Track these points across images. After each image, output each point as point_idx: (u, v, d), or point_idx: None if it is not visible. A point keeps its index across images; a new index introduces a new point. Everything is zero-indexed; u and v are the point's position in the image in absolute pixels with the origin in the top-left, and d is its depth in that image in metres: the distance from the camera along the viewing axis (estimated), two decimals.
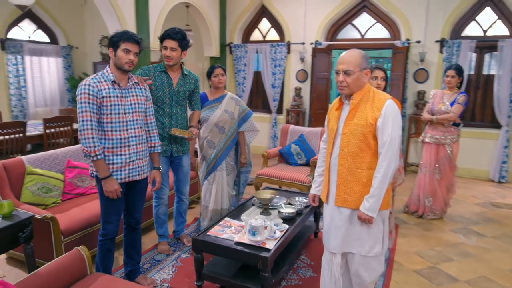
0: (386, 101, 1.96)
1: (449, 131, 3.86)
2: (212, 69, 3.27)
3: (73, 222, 2.81)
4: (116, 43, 2.26)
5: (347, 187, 2.03)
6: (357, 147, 1.98)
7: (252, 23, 7.13)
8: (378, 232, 2.05)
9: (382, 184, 1.92)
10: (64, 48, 7.86)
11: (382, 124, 1.92)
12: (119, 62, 2.27)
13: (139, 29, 4.81)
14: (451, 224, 3.91)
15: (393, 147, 1.92)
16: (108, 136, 2.29)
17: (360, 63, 1.97)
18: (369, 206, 1.94)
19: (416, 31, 5.81)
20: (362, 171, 1.99)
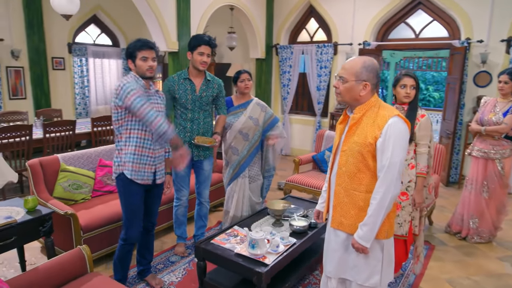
0: (389, 119, 1.73)
1: (500, 145, 3.40)
2: (238, 74, 3.24)
3: (94, 219, 2.98)
4: (133, 53, 2.31)
5: (343, 209, 1.87)
6: (355, 167, 1.81)
7: (299, 23, 6.97)
8: (375, 262, 1.85)
9: (378, 212, 1.72)
10: (124, 50, 8.42)
11: (382, 145, 1.72)
12: (140, 71, 2.34)
13: (179, 32, 4.96)
14: (500, 251, 3.44)
15: (393, 172, 1.70)
16: (137, 134, 2.37)
17: (358, 73, 1.77)
18: (363, 234, 1.76)
19: (478, 30, 5.20)
20: (359, 193, 1.81)
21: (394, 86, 2.72)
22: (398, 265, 2.89)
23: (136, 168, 2.39)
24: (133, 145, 2.37)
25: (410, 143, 2.63)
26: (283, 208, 2.87)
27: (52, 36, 6.88)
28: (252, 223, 2.91)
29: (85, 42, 7.84)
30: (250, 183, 3.35)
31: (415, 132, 2.62)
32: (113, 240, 3.09)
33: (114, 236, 3.08)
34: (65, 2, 3.58)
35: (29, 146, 4.30)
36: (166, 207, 3.51)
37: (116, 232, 3.09)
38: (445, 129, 5.54)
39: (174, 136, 2.36)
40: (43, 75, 6.56)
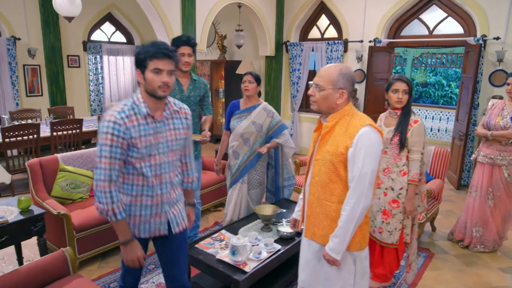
0: (361, 129, 1.68)
1: (507, 151, 3.23)
2: (242, 76, 3.20)
3: (88, 218, 3.05)
4: (143, 62, 1.67)
5: (316, 219, 1.83)
6: (327, 176, 1.76)
7: (310, 20, 6.85)
8: (348, 275, 1.81)
9: (348, 224, 1.68)
10: (138, 47, 8.55)
11: (352, 155, 1.67)
12: (150, 88, 1.69)
13: (184, 32, 4.97)
14: (504, 261, 3.29)
15: (363, 183, 1.65)
16: (133, 181, 1.78)
17: (334, 81, 1.72)
18: (333, 246, 1.72)
19: (495, 26, 4.94)
20: (331, 204, 1.77)
21: (386, 90, 2.62)
22: (390, 274, 2.81)
23: (137, 221, 1.85)
24: (129, 194, 1.80)
25: (402, 149, 2.55)
26: (271, 213, 2.84)
27: (67, 34, 7.06)
28: (241, 227, 2.90)
29: (100, 40, 8.00)
30: (249, 190, 3.29)
31: (407, 138, 2.52)
32: (107, 239, 3.16)
33: (108, 236, 3.15)
34: (67, 5, 3.65)
35: (37, 144, 4.45)
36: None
37: (110, 232, 3.16)
38: (458, 131, 5.33)
39: (117, 223, 1.73)
40: (59, 72, 6.76)
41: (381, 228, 2.64)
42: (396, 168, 2.57)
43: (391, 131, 2.57)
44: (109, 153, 1.65)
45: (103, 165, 1.66)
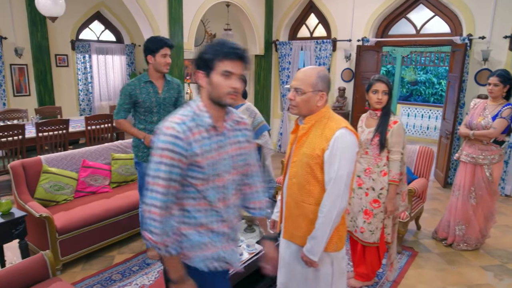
0: (337, 131, 1.69)
1: (489, 150, 3.26)
2: None
3: (72, 220, 3.04)
4: (209, 63, 1.39)
5: (294, 221, 1.84)
6: (304, 178, 1.77)
7: (299, 19, 6.85)
8: (325, 276, 1.83)
9: (325, 226, 1.70)
10: (128, 46, 8.50)
11: (329, 157, 1.68)
12: (216, 93, 1.41)
13: (171, 31, 4.95)
14: (486, 259, 3.33)
15: (340, 185, 1.67)
16: (195, 206, 1.47)
17: (314, 83, 1.73)
18: (310, 248, 1.74)
19: (480, 25, 4.98)
20: (309, 205, 1.78)
21: (366, 91, 2.64)
22: (372, 273, 2.84)
23: (209, 252, 1.50)
24: (191, 223, 1.48)
25: (382, 150, 2.56)
26: None
27: (55, 33, 7.00)
28: None
29: (89, 38, 7.94)
30: None
31: (387, 139, 2.54)
32: (91, 241, 3.14)
33: (92, 238, 3.14)
34: (50, 5, 3.61)
35: (22, 145, 4.41)
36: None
37: (94, 234, 3.15)
38: (444, 129, 5.37)
39: (170, 258, 1.42)
40: (47, 72, 6.68)
41: (362, 227, 2.66)
42: (377, 169, 2.59)
43: (372, 131, 2.59)
44: (167, 174, 1.35)
45: (159, 188, 1.36)
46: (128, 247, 3.44)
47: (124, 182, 3.90)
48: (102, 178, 3.68)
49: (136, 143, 2.99)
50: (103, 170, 3.72)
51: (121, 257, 3.25)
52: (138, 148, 2.99)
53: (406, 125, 9.12)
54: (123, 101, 2.85)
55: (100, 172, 3.68)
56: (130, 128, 2.93)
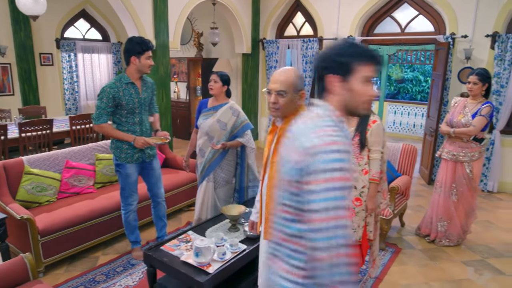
0: None
1: (469, 147, 3.32)
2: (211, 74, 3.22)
3: (55, 222, 3.00)
4: (347, 66, 1.21)
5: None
6: None
7: (286, 17, 6.86)
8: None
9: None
10: (114, 44, 8.41)
11: None
12: (354, 101, 1.25)
13: (156, 30, 4.92)
14: (467, 254, 3.40)
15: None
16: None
17: (295, 83, 1.76)
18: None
19: (463, 24, 5.06)
20: None
21: None
22: (356, 270, 2.87)
23: None
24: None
25: (363, 149, 2.59)
26: (238, 214, 2.86)
27: (39, 32, 6.88)
28: (208, 227, 2.91)
29: (74, 37, 7.83)
30: (215, 188, 3.31)
31: (367, 138, 2.57)
32: (75, 242, 3.12)
33: (75, 239, 3.11)
34: (31, 3, 3.56)
35: (5, 146, 4.34)
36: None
37: (78, 235, 3.12)
38: (429, 127, 5.45)
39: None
40: (31, 71, 6.59)
41: None
42: (358, 167, 2.61)
43: (352, 131, 2.61)
44: (344, 201, 1.08)
45: (342, 221, 1.06)
46: (113, 247, 3.42)
47: (109, 182, 3.87)
48: (86, 178, 3.65)
49: (117, 145, 2.95)
50: (87, 170, 3.68)
51: (105, 258, 3.24)
52: (120, 149, 2.96)
53: (393, 123, 9.21)
54: (105, 105, 2.80)
55: (84, 172, 3.64)
56: (116, 132, 2.90)
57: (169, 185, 3.91)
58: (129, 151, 2.98)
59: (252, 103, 7.08)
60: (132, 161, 3.00)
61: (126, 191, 3.07)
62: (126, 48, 2.86)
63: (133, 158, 3.00)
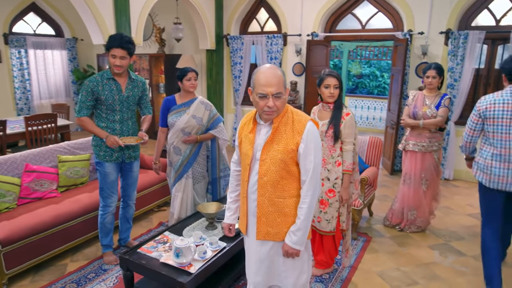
0: (307, 124, 1.74)
1: (435, 137, 3.50)
2: (184, 72, 3.13)
3: (16, 230, 2.80)
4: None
5: (269, 219, 1.83)
6: (277, 174, 1.77)
7: (249, 13, 6.85)
8: (302, 262, 1.89)
9: (309, 215, 1.76)
10: (68, 40, 7.98)
11: (304, 150, 1.73)
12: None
13: (118, 24, 4.71)
14: (432, 239, 3.60)
15: (317, 174, 1.75)
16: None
17: (284, 83, 1.74)
18: (297, 239, 1.77)
19: (419, 22, 5.32)
20: (284, 200, 1.80)
21: (318, 86, 2.72)
22: (331, 260, 2.94)
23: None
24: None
25: (336, 141, 2.65)
26: (215, 211, 2.83)
27: None
28: (185, 227, 2.85)
29: (24, 32, 7.33)
30: (194, 184, 3.30)
31: (341, 130, 2.64)
32: (40, 251, 2.93)
33: (40, 247, 2.92)
34: None
35: None
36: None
37: (43, 243, 2.94)
38: (390, 120, 5.69)
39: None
40: None
41: (319, 217, 2.75)
42: (332, 159, 2.68)
43: (326, 124, 2.67)
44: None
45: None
46: (82, 253, 3.25)
47: (73, 185, 3.67)
48: (48, 182, 3.44)
49: (97, 142, 2.87)
50: (49, 173, 3.47)
51: (74, 265, 3.07)
52: (99, 147, 2.87)
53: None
54: (85, 98, 2.73)
55: (46, 176, 3.43)
56: (93, 127, 2.80)
57: (139, 186, 3.74)
58: (108, 150, 2.88)
59: (218, 100, 7.02)
60: (111, 160, 2.90)
61: (105, 191, 2.95)
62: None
63: (112, 157, 2.89)
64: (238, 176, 2.04)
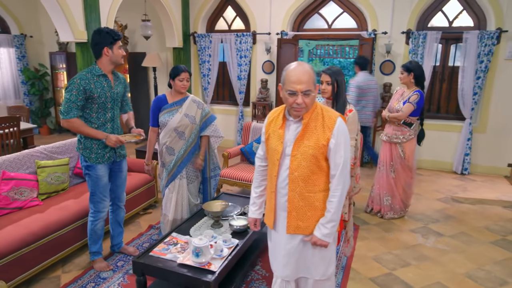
0: (337, 120, 1.81)
1: (400, 130, 3.79)
2: (177, 71, 3.02)
3: (6, 243, 2.56)
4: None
5: (299, 213, 1.87)
6: (308, 170, 1.82)
7: (216, 11, 6.81)
8: (331, 254, 1.96)
9: (339, 208, 1.82)
10: (16, 37, 7.35)
11: (334, 145, 1.78)
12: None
13: (87, 20, 4.46)
14: (411, 223, 3.90)
15: (347, 168, 1.81)
16: None
17: (314, 80, 1.79)
18: (328, 232, 1.82)
19: (382, 22, 5.68)
20: (314, 194, 1.85)
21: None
22: None
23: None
24: None
25: None
26: (221, 209, 2.83)
27: None
28: (190, 227, 2.81)
29: None
30: (188, 184, 3.23)
31: None
32: (31, 264, 2.71)
33: (31, 260, 2.71)
34: None
35: None
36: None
37: (34, 255, 2.72)
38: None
39: None
40: None
41: None
42: None
43: None
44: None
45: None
46: (73, 263, 3.06)
47: (55, 192, 3.43)
48: (28, 190, 3.18)
49: (87, 145, 2.70)
50: (29, 181, 3.22)
51: (68, 276, 2.89)
52: (90, 150, 2.71)
53: None
54: (75, 98, 2.54)
55: (25, 183, 3.17)
56: (86, 128, 2.63)
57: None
58: (100, 151, 2.73)
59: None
60: (103, 161, 2.76)
61: (97, 196, 2.80)
62: (96, 40, 2.64)
63: (104, 158, 2.76)
64: (263, 171, 2.07)
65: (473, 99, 5.37)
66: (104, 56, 2.63)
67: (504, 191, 4.88)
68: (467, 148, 5.49)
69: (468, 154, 5.51)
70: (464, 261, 3.17)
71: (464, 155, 5.53)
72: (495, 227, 3.82)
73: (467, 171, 5.56)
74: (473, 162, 5.60)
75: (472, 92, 5.35)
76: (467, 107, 5.43)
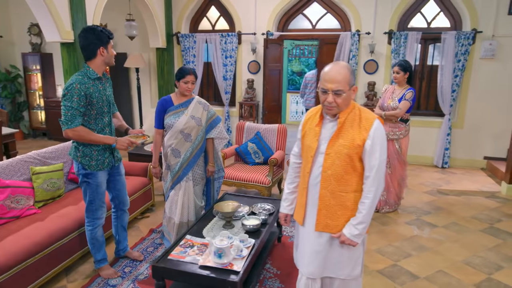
0: (374, 122, 1.82)
1: (397, 127, 3.94)
2: (183, 73, 2.96)
3: (10, 255, 2.42)
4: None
5: (330, 212, 1.90)
6: (342, 169, 1.84)
7: (200, 11, 6.76)
8: (358, 254, 1.98)
9: (371, 210, 1.84)
10: None
11: (370, 147, 1.80)
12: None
13: (74, 20, 4.30)
14: (405, 216, 4.06)
15: (382, 170, 1.82)
16: None
17: (350, 80, 1.80)
18: (358, 233, 1.84)
19: (365, 23, 5.86)
20: (346, 194, 1.87)
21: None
22: None
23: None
24: None
25: None
26: (232, 210, 2.83)
27: None
28: (202, 228, 2.79)
29: None
30: (194, 186, 3.18)
31: None
32: (35, 275, 2.59)
33: (35, 271, 2.58)
34: None
35: None
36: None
37: (38, 265, 2.60)
38: None
39: None
40: None
41: None
42: None
43: None
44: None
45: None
46: (78, 272, 2.96)
47: (51, 199, 3.29)
48: (25, 198, 3.04)
49: (86, 152, 2.59)
50: (25, 188, 3.07)
51: (74, 286, 2.78)
52: (90, 157, 2.60)
53: (295, 113, 9.99)
54: (77, 104, 2.42)
55: (21, 191, 3.02)
56: (93, 135, 2.53)
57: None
58: (100, 157, 2.64)
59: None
60: (104, 167, 2.68)
61: (96, 204, 2.71)
62: (91, 40, 2.50)
63: (104, 164, 2.68)
64: (297, 168, 2.10)
65: (452, 96, 5.66)
66: (99, 56, 2.52)
67: (483, 182, 5.19)
68: (447, 143, 5.77)
69: (448, 148, 5.80)
70: (460, 250, 3.35)
71: (444, 150, 5.81)
72: (482, 216, 4.06)
73: (447, 164, 5.86)
74: (452, 156, 5.90)
75: (450, 90, 5.63)
76: (446, 104, 5.71)
